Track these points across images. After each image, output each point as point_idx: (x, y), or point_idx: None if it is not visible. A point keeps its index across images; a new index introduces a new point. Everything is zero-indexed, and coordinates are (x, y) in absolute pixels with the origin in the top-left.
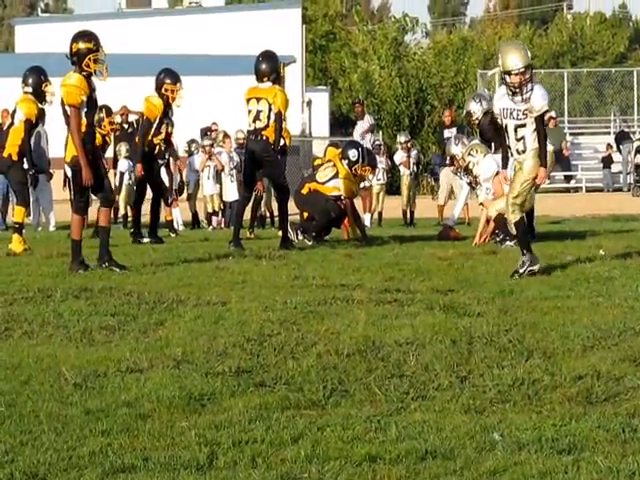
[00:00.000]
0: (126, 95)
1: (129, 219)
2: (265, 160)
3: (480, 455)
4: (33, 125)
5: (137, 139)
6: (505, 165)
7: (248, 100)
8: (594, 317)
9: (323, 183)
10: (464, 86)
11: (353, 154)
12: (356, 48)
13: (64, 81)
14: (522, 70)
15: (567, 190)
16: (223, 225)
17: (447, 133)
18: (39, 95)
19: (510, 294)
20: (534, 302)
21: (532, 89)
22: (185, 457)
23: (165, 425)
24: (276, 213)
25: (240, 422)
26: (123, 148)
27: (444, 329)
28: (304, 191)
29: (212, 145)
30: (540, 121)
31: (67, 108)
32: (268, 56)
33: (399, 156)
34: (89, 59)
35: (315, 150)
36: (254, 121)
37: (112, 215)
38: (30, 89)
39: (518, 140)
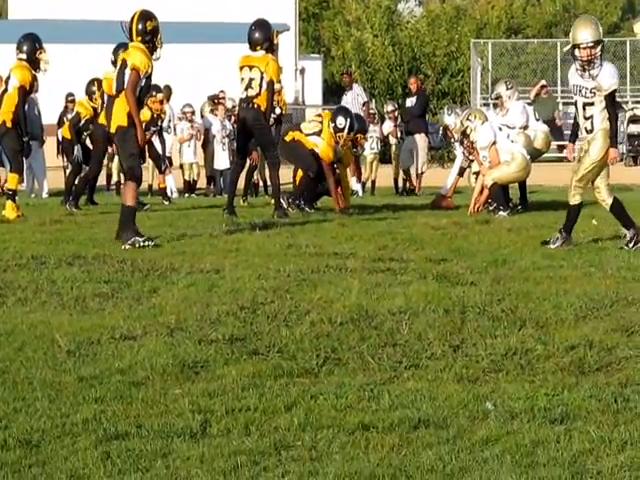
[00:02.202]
0: (105, 62)
1: (122, 186)
2: (256, 128)
3: (473, 424)
4: (27, 92)
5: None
6: (573, 140)
7: (241, 68)
8: (587, 287)
9: (307, 135)
10: (457, 55)
11: (340, 121)
12: (349, 16)
13: (136, 48)
14: (591, 45)
15: (560, 160)
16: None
17: (408, 102)
18: (33, 62)
19: (503, 264)
20: (527, 272)
21: (601, 66)
22: (178, 425)
23: (158, 393)
24: (269, 181)
25: (233, 390)
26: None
27: (437, 298)
28: (287, 138)
29: (193, 112)
30: (610, 100)
31: (129, 71)
32: (261, 25)
33: (387, 125)
34: (159, 38)
35: (308, 118)
36: (246, 89)
37: (106, 183)
38: (24, 56)
39: (586, 119)
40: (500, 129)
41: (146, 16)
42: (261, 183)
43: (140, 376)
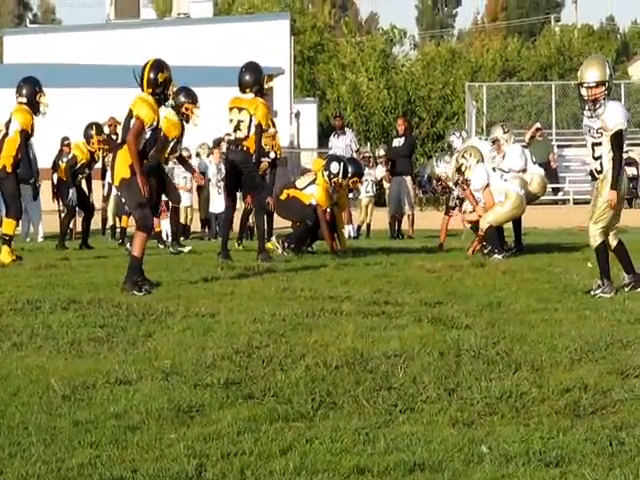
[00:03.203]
0: (114, 106)
1: (117, 230)
2: (244, 170)
3: (468, 468)
4: (29, 136)
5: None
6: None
7: (230, 109)
8: (581, 330)
9: (301, 189)
10: (452, 98)
11: (334, 167)
12: (344, 60)
13: (143, 100)
14: (593, 85)
15: (555, 202)
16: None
17: (396, 142)
18: (33, 105)
19: (498, 307)
20: (522, 315)
21: (606, 106)
22: (174, 469)
23: (154, 437)
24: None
25: (229, 434)
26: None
27: (432, 341)
28: (282, 197)
29: (190, 156)
30: (616, 141)
31: (133, 120)
32: (252, 68)
33: (380, 170)
34: (170, 90)
35: (303, 161)
36: (235, 131)
37: (100, 226)
38: (25, 99)
39: (595, 159)
40: (494, 169)
41: (158, 67)
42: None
43: (135, 420)
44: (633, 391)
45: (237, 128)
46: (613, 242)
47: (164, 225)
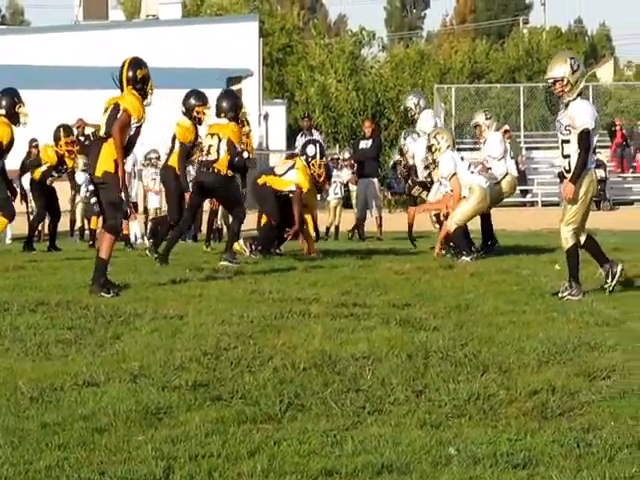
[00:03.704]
0: (83, 108)
1: (86, 231)
2: (217, 191)
3: (436, 469)
4: (6, 149)
5: (177, 165)
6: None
7: (207, 135)
8: (549, 332)
9: (280, 175)
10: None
11: (311, 149)
12: (313, 61)
13: (130, 93)
14: (551, 82)
15: (523, 204)
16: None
17: (362, 144)
18: (12, 117)
19: (466, 309)
20: (490, 317)
21: (574, 102)
22: (142, 471)
23: (122, 439)
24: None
25: (196, 436)
26: (80, 161)
27: (400, 343)
28: (260, 181)
29: (158, 158)
30: (581, 140)
31: (120, 113)
32: (228, 95)
33: (345, 173)
34: (150, 85)
35: (272, 163)
36: (206, 154)
37: (69, 228)
38: (3, 111)
39: (564, 157)
40: (462, 159)
41: (136, 64)
42: (225, 229)
43: (103, 422)
44: (600, 393)
45: (208, 152)
46: (582, 237)
47: (133, 227)
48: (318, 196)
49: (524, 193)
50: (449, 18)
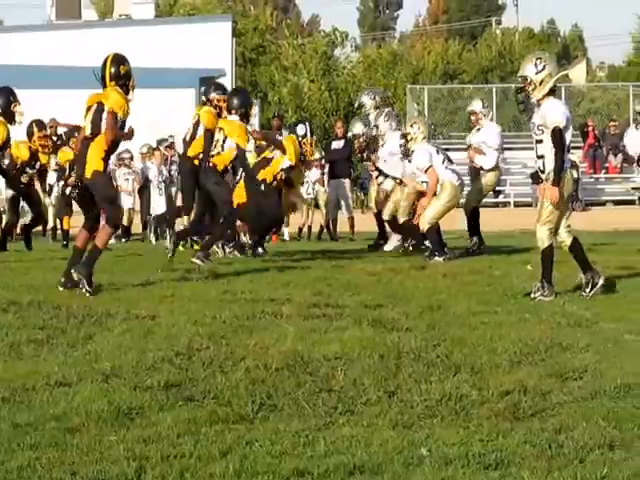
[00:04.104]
0: (56, 107)
1: (58, 231)
2: (207, 185)
3: (408, 470)
4: (1, 147)
5: (201, 153)
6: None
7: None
8: (521, 333)
9: (271, 158)
10: (394, 100)
11: (301, 129)
12: (286, 62)
13: (114, 92)
14: (520, 79)
15: (496, 205)
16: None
17: (335, 144)
18: (8, 115)
19: (438, 309)
20: (462, 317)
21: (545, 103)
22: (113, 471)
23: (94, 439)
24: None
25: (169, 436)
26: (52, 160)
27: (372, 344)
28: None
29: (131, 158)
30: (554, 138)
31: (106, 114)
32: (239, 92)
33: (314, 174)
34: (132, 82)
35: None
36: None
37: (42, 228)
38: None
39: (539, 158)
40: (437, 152)
41: (119, 60)
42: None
43: (75, 423)
44: (572, 394)
45: (215, 146)
46: (568, 240)
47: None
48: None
49: (497, 194)
50: (422, 19)
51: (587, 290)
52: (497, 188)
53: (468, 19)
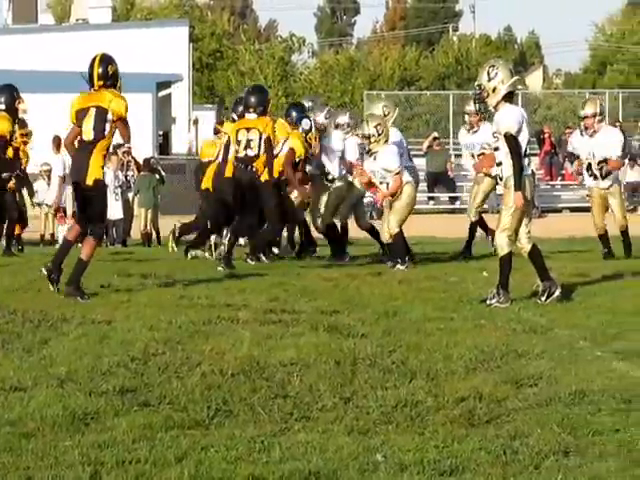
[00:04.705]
0: None
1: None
2: (248, 190)
3: (363, 476)
4: (7, 142)
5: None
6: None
7: (237, 131)
8: (477, 339)
9: (277, 154)
10: (351, 106)
11: (306, 123)
12: (243, 67)
13: (114, 96)
14: (477, 86)
15: (452, 211)
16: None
17: None
18: (12, 112)
19: (394, 315)
20: (418, 323)
21: (499, 109)
22: (68, 476)
23: (49, 444)
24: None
25: (124, 441)
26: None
27: (328, 350)
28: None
29: None
30: (508, 144)
31: (117, 123)
32: (256, 89)
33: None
34: (120, 82)
35: None
36: (245, 148)
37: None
38: (3, 106)
39: (497, 165)
40: (401, 155)
41: (107, 60)
42: (154, 233)
43: (30, 428)
44: (527, 400)
45: (247, 146)
46: (528, 246)
47: (61, 231)
48: None
49: (453, 200)
50: (379, 25)
51: (543, 298)
52: (453, 195)
53: (425, 26)
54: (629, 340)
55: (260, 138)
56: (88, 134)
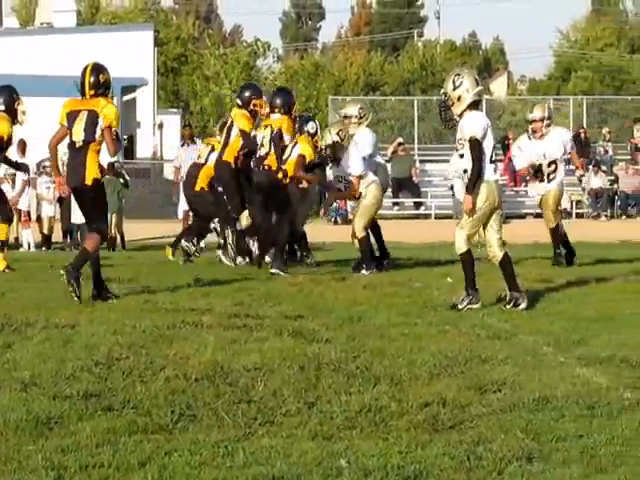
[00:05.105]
0: None
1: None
2: (268, 190)
3: None
4: (6, 144)
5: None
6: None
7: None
8: (441, 345)
9: (227, 143)
10: (316, 111)
11: (312, 126)
12: (208, 71)
13: (107, 103)
14: (442, 96)
15: (417, 216)
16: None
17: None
18: (12, 113)
19: (358, 321)
20: (382, 329)
21: (464, 116)
22: None
23: (12, 448)
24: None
25: (87, 446)
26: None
27: (292, 355)
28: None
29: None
30: (471, 149)
31: (102, 130)
32: (281, 91)
33: None
34: (112, 90)
35: (166, 173)
36: (260, 147)
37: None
38: (3, 107)
39: (464, 172)
40: (364, 158)
41: (98, 69)
42: (119, 237)
43: None
44: (491, 406)
45: (261, 145)
46: (499, 254)
47: (25, 236)
48: None
49: (418, 205)
50: (344, 30)
51: (508, 306)
52: (418, 200)
53: (390, 31)
54: (592, 346)
55: (271, 132)
56: (78, 135)
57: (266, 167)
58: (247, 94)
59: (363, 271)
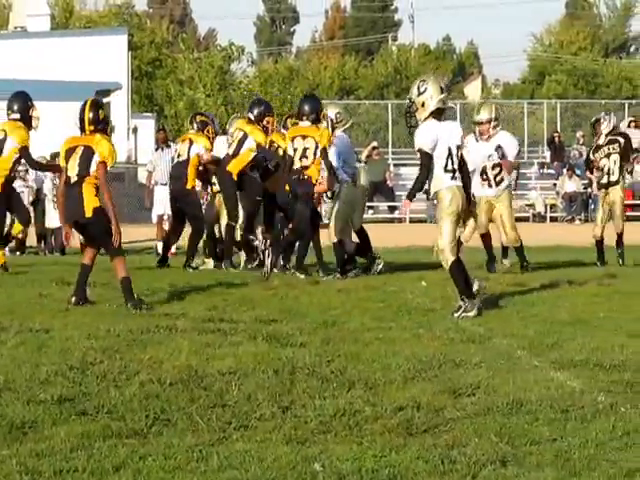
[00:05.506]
0: None
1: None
2: (302, 200)
3: None
4: (29, 151)
5: (237, 169)
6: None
7: (293, 139)
8: (415, 349)
9: (237, 154)
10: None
11: (257, 110)
12: (182, 75)
13: (102, 138)
14: (409, 100)
15: (391, 220)
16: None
17: None
18: (27, 120)
19: (333, 325)
20: (356, 333)
21: (420, 125)
22: None
23: None
24: None
25: (62, 451)
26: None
27: (267, 359)
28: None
29: (26, 171)
30: (422, 157)
31: (97, 162)
32: (310, 98)
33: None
34: (110, 125)
35: (140, 177)
36: (300, 159)
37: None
38: (18, 115)
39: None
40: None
41: (97, 105)
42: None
43: None
44: (465, 410)
45: (303, 155)
46: (451, 258)
47: None
48: None
49: (392, 209)
50: (318, 34)
51: (456, 314)
52: (392, 204)
53: (364, 35)
54: (566, 350)
55: (316, 147)
56: (73, 170)
57: (306, 177)
58: (261, 110)
59: (337, 275)
